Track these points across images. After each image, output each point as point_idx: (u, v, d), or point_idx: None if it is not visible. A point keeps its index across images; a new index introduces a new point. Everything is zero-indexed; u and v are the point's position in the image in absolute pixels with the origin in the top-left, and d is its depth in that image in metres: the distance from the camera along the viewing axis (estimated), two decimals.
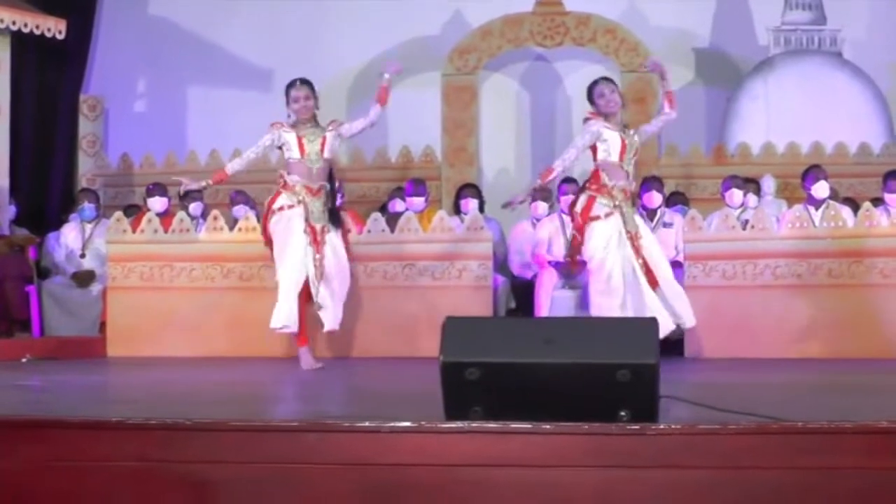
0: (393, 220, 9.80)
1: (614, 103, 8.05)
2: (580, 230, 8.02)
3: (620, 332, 4.39)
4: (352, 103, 13.50)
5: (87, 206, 11.06)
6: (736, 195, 10.35)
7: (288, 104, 8.30)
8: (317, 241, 8.16)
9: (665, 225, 10.18)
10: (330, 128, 8.32)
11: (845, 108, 12.66)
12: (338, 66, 13.38)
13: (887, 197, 10.03)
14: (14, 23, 10.70)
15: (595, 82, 8.19)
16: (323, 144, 8.24)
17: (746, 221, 9.43)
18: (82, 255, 10.87)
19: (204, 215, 10.39)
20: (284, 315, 8.03)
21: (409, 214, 9.82)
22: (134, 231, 9.79)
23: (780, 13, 13.08)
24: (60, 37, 11.09)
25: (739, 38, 13.25)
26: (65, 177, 13.16)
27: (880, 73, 12.82)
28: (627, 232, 7.93)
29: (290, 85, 8.32)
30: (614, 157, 7.95)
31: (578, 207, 8.04)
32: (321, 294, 8.16)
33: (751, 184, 10.80)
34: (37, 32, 10.91)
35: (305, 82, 8.32)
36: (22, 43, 11.42)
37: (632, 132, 8.11)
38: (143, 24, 13.85)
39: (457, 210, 10.79)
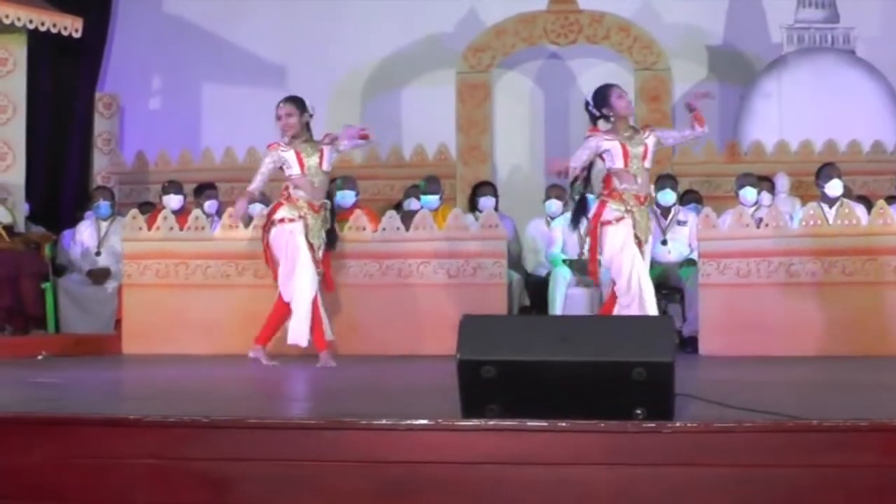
0: (408, 217, 9.82)
1: (631, 106, 8.14)
2: (593, 234, 8.06)
3: (636, 330, 4.41)
4: (365, 100, 13.55)
5: (103, 204, 11.08)
6: (750, 193, 10.36)
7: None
8: (315, 259, 8.27)
9: (679, 223, 10.19)
10: (325, 141, 8.36)
11: (859, 105, 12.67)
12: (352, 64, 13.44)
13: None
14: (31, 21, 10.73)
15: (608, 86, 8.16)
16: (321, 158, 8.30)
17: (760, 219, 9.42)
18: (98, 253, 10.90)
19: (219, 213, 10.42)
20: (305, 331, 8.16)
21: (424, 212, 9.83)
22: (149, 228, 9.82)
23: (793, 11, 13.08)
24: (77, 35, 11.11)
25: (753, 36, 13.25)
26: (80, 174, 13.22)
27: (893, 70, 12.81)
28: (636, 237, 7.94)
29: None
30: (619, 164, 7.95)
31: (591, 212, 8.08)
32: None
33: (764, 182, 10.80)
34: (53, 31, 10.93)
35: (289, 100, 8.40)
36: (38, 41, 11.45)
37: (645, 134, 8.04)
38: (158, 23, 13.89)
39: (473, 207, 10.81)
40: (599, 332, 4.41)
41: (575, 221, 8.48)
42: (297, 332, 8.15)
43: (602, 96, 8.05)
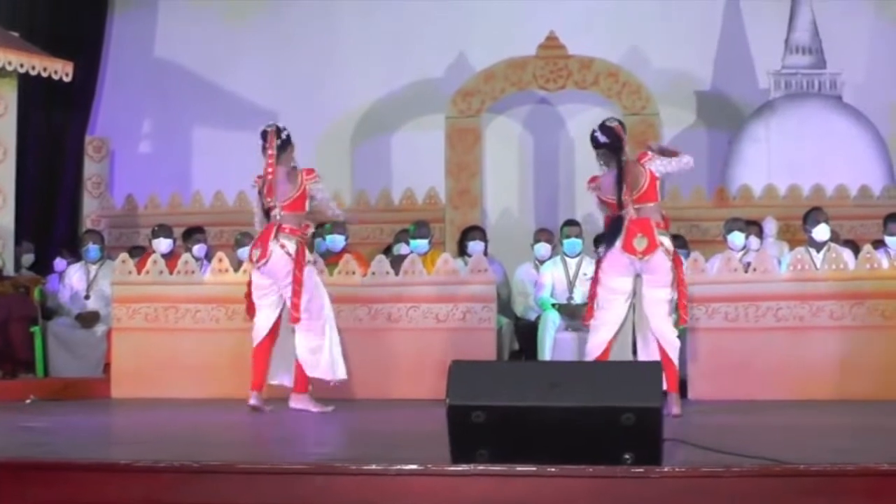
0: (397, 262, 9.83)
1: None
2: (678, 263, 7.82)
3: (624, 375, 4.43)
4: (355, 145, 13.60)
5: (92, 247, 11.08)
6: (738, 237, 10.40)
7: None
8: None
9: None
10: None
11: (845, 150, 12.73)
12: (342, 108, 13.50)
13: (888, 239, 10.07)
14: (21, 65, 10.79)
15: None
16: None
17: (748, 264, 9.46)
18: (87, 296, 10.89)
19: (209, 257, 10.43)
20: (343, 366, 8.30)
21: (414, 256, 9.85)
22: (139, 272, 9.82)
23: (780, 57, 13.15)
24: (67, 79, 11.17)
25: (740, 82, 13.33)
26: (70, 218, 13.23)
27: (880, 116, 12.89)
28: None
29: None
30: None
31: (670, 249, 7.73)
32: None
33: (752, 226, 10.83)
34: (44, 74, 10.99)
35: None
36: (29, 85, 11.51)
37: None
38: (149, 67, 13.95)
39: (462, 252, 10.83)
40: (588, 377, 4.43)
41: (611, 243, 7.75)
42: (336, 365, 8.25)
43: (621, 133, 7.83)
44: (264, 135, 8.25)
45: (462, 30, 13.41)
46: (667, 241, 7.67)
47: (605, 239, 7.75)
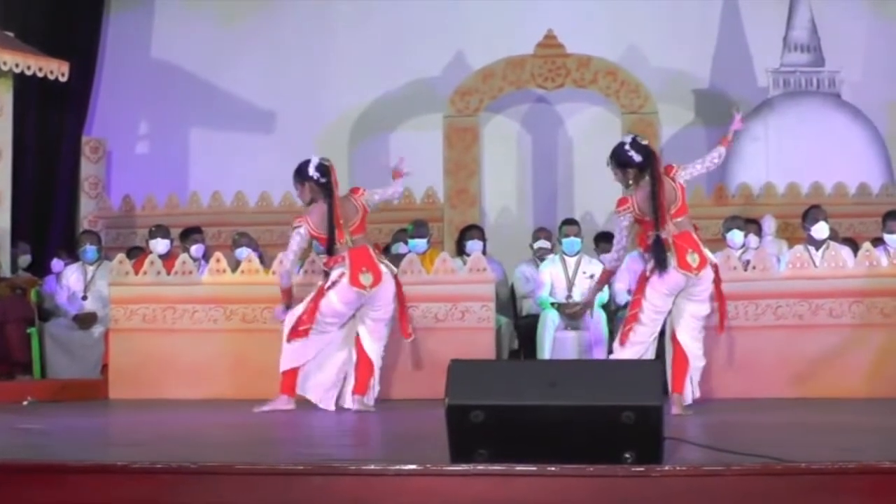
0: (396, 261, 9.80)
1: None
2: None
3: (624, 374, 4.41)
4: (353, 144, 13.58)
5: (89, 248, 11.04)
6: (737, 236, 10.37)
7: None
8: None
9: None
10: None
11: (844, 148, 12.75)
12: (340, 108, 13.50)
13: (886, 237, 10.05)
14: (17, 65, 10.77)
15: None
16: None
17: (747, 262, 9.44)
18: (84, 297, 10.85)
19: (206, 257, 10.39)
20: None
21: (412, 256, 9.83)
22: (136, 273, 9.79)
23: (778, 55, 13.17)
24: (63, 79, 11.16)
25: (739, 80, 13.33)
26: (67, 218, 13.21)
27: (878, 113, 12.90)
28: None
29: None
30: None
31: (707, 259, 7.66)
32: None
33: (752, 224, 10.82)
34: (40, 75, 10.98)
35: None
36: (25, 85, 11.49)
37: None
38: (145, 67, 13.93)
39: (460, 251, 10.81)
40: (588, 376, 4.41)
41: (662, 263, 7.53)
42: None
43: (655, 150, 7.80)
44: (325, 169, 8.17)
45: (460, 29, 13.41)
46: (710, 254, 7.71)
47: (653, 260, 7.60)
